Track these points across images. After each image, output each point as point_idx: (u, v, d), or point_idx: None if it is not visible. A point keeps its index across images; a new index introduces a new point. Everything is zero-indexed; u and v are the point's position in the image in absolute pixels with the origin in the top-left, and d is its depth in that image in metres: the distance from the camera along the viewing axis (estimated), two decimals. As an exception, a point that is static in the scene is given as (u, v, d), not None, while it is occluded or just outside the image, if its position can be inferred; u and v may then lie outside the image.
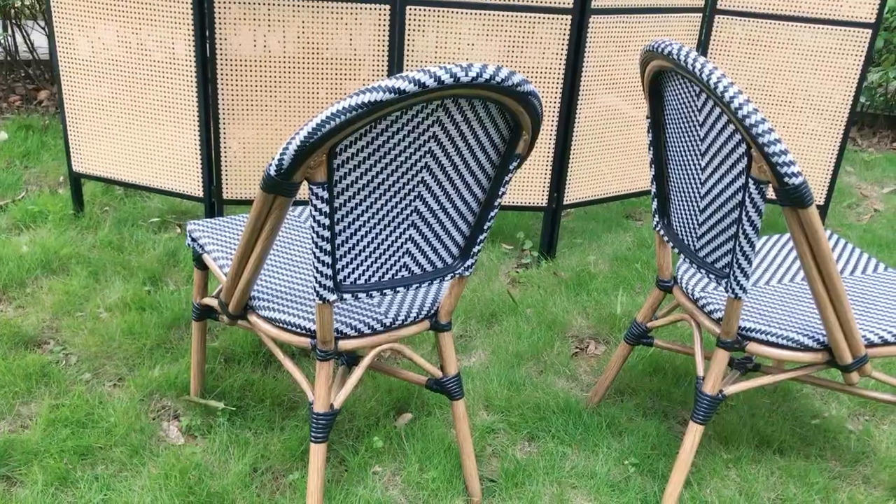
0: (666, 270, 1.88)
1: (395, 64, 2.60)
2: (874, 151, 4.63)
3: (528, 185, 2.82)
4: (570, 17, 2.59)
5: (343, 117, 1.20)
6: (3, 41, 4.11)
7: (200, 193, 2.71)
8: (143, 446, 1.83)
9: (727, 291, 1.56)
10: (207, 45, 2.50)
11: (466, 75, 1.24)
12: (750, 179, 1.42)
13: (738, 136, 1.44)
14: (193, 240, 1.82)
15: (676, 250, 1.75)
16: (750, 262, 1.52)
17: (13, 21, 4.12)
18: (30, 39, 4.18)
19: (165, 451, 1.82)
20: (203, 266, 1.84)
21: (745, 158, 1.43)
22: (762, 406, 2.15)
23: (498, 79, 1.28)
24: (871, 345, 1.63)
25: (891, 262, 3.06)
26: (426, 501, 1.76)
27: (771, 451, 1.99)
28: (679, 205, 1.73)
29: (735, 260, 1.52)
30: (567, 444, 1.95)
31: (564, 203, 2.88)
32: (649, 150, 1.77)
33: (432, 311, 1.66)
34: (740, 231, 1.48)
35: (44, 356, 2.11)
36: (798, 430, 2.07)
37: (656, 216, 1.82)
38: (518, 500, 1.76)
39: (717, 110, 1.47)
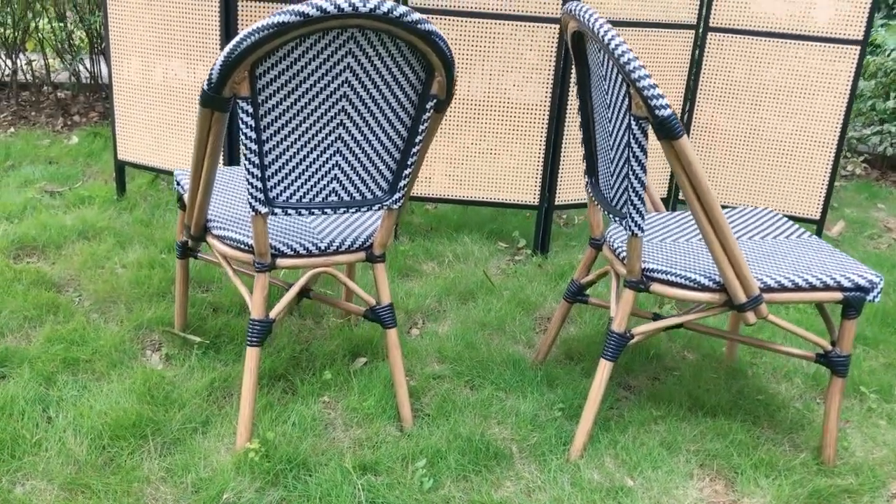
0: (596, 229, 2.02)
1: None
2: (914, 192, 4.57)
3: (520, 184, 3.01)
4: (558, 26, 2.81)
5: (256, 36, 1.45)
6: (74, 67, 4.64)
7: (222, 179, 3.02)
8: (123, 362, 2.08)
9: (626, 230, 1.70)
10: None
11: (364, 6, 1.47)
12: (631, 117, 1.59)
13: (622, 78, 1.61)
14: (178, 183, 2.09)
15: (600, 206, 1.90)
16: (642, 200, 1.66)
17: (99, 50, 4.65)
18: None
19: (140, 369, 2.06)
20: (185, 206, 2.11)
21: (628, 98, 1.60)
22: (709, 380, 2.22)
23: (396, 13, 1.50)
24: (767, 289, 1.73)
25: (889, 280, 3.06)
26: (359, 423, 1.92)
27: (703, 412, 2.06)
28: (602, 161, 1.89)
29: (629, 198, 1.67)
30: (503, 389, 2.08)
31: (557, 203, 3.04)
32: (578, 113, 1.95)
33: (367, 244, 1.86)
34: (629, 170, 1.64)
35: (60, 297, 2.41)
36: (740, 402, 2.14)
37: (586, 176, 1.98)
38: (442, 428, 1.90)
39: (610, 60, 1.65)
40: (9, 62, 4.68)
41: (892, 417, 2.12)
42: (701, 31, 3.05)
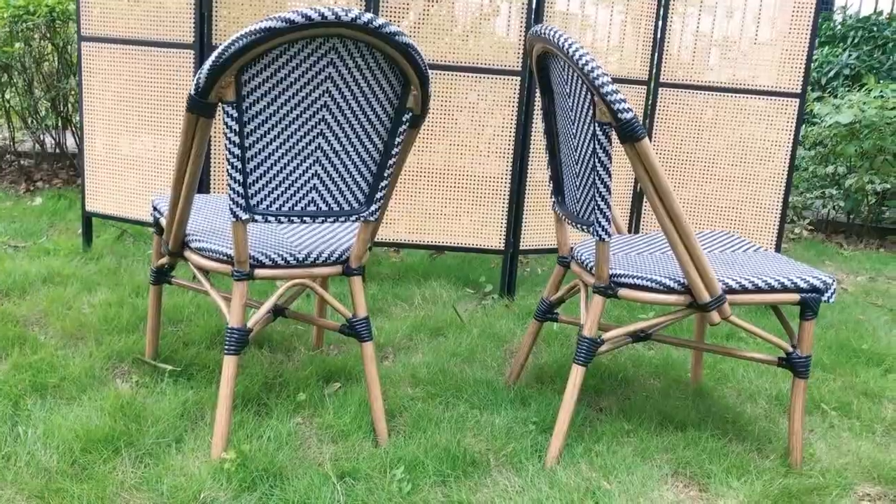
0: (564, 247, 2.10)
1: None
2: (858, 253, 4.79)
3: (486, 230, 3.10)
4: (519, 79, 2.97)
5: (244, 41, 1.53)
6: (39, 135, 4.70)
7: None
8: (93, 387, 2.05)
9: (594, 236, 1.79)
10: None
11: (346, 16, 1.57)
12: (595, 124, 1.69)
13: (586, 89, 1.72)
14: (155, 208, 2.13)
15: (567, 220, 1.99)
16: (608, 205, 1.75)
17: (66, 120, 4.71)
18: (77, 137, 4.75)
19: (112, 391, 2.03)
20: (161, 231, 2.13)
21: (592, 108, 1.71)
22: (677, 400, 2.27)
23: (375, 24, 1.61)
24: (730, 290, 1.81)
25: (841, 318, 3.18)
26: (334, 439, 1.92)
27: (673, 426, 2.10)
28: (568, 178, 1.99)
29: (596, 204, 1.75)
30: (477, 407, 2.10)
31: (521, 248, 3.13)
32: (544, 136, 2.06)
33: (343, 258, 1.91)
34: (595, 177, 1.73)
35: (27, 332, 2.38)
36: (708, 419, 2.18)
37: (553, 196, 2.08)
38: (418, 440, 1.91)
39: (575, 74, 1.77)
40: (-27, 131, 4.70)
41: (854, 430, 2.18)
42: (653, 85, 3.25)
